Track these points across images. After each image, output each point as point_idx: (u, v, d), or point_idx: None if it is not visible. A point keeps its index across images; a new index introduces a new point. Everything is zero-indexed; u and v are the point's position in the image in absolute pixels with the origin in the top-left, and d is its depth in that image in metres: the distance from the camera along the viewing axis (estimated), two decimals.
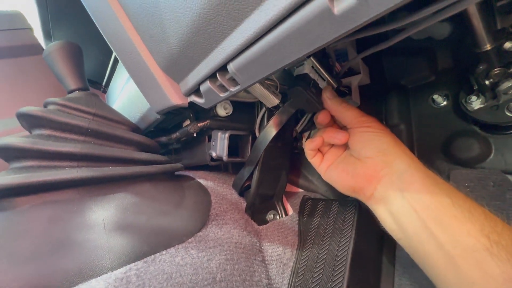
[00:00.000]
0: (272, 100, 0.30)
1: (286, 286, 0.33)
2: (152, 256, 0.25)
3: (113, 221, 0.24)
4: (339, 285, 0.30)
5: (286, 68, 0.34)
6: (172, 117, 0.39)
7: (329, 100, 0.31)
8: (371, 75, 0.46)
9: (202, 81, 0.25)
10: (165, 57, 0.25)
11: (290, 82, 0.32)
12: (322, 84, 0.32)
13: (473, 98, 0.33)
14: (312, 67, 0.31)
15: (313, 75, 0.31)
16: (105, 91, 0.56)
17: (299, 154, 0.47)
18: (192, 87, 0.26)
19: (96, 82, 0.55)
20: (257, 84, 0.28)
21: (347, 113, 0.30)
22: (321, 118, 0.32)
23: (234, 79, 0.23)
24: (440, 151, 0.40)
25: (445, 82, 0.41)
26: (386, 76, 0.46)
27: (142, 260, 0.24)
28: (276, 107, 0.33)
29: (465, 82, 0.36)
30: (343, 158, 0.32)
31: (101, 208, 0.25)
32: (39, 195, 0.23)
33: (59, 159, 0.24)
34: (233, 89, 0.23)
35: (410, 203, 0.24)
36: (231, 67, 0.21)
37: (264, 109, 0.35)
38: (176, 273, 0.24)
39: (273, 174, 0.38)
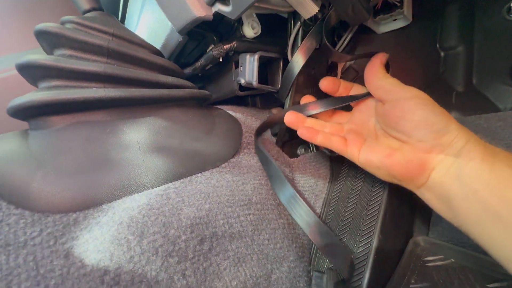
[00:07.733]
0: (311, 8, 0.25)
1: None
2: (188, 177, 0.25)
3: (147, 143, 0.24)
4: (376, 213, 0.30)
5: None
6: (195, 45, 0.36)
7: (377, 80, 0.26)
8: None
9: None
10: None
11: None
12: None
13: None
14: None
15: None
16: None
17: None
18: None
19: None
20: None
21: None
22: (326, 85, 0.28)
23: None
24: (508, 75, 0.34)
25: None
26: None
27: (179, 180, 0.24)
28: (313, 21, 0.28)
29: None
30: (375, 137, 0.27)
31: (133, 130, 0.24)
32: (72, 115, 0.23)
33: (85, 79, 0.23)
34: None
35: (469, 184, 0.20)
36: None
37: (298, 26, 0.30)
38: (213, 193, 0.24)
39: None
